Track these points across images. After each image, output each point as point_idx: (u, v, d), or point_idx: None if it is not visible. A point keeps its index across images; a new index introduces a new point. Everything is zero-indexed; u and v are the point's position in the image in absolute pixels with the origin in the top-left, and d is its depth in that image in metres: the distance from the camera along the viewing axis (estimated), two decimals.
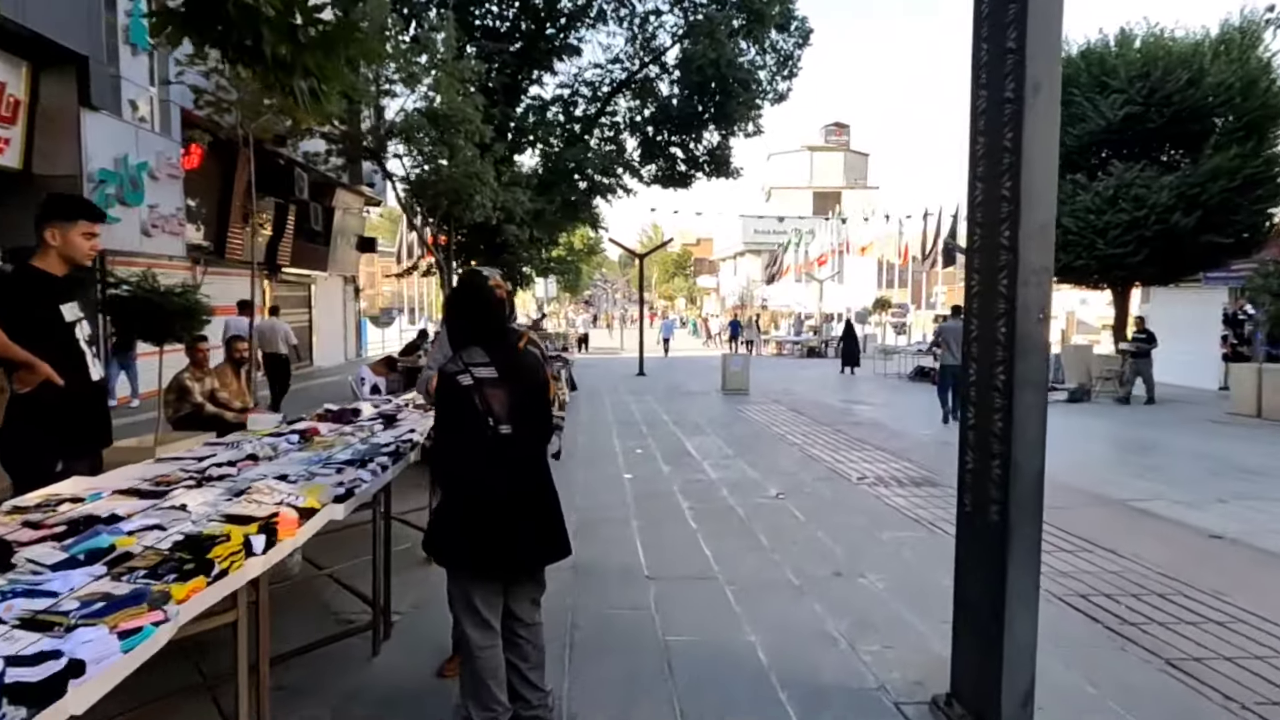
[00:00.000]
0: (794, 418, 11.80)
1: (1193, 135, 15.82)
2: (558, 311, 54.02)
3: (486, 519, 2.47)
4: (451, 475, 2.52)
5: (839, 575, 4.63)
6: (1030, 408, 2.59)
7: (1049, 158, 2.56)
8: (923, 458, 8.55)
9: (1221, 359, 17.05)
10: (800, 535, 5.48)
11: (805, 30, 21.25)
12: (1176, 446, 9.67)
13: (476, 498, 2.47)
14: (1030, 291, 2.57)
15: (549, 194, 19.20)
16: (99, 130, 10.43)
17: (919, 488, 7.03)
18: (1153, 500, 6.61)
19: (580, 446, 9.14)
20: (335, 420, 4.28)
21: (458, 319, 2.62)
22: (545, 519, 2.63)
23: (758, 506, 6.29)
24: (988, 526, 2.72)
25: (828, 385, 18.12)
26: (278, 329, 11.65)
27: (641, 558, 4.93)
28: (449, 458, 2.49)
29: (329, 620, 3.87)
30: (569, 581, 4.39)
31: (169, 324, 5.41)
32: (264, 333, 11.41)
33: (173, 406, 6.16)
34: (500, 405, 2.48)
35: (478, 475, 2.46)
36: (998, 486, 2.67)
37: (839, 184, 55.00)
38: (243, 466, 3.01)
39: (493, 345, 2.59)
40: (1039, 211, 2.55)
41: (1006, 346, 2.63)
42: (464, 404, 2.45)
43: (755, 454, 8.69)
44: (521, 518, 2.53)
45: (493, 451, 2.47)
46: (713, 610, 4.05)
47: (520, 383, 2.57)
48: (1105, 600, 4.26)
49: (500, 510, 2.49)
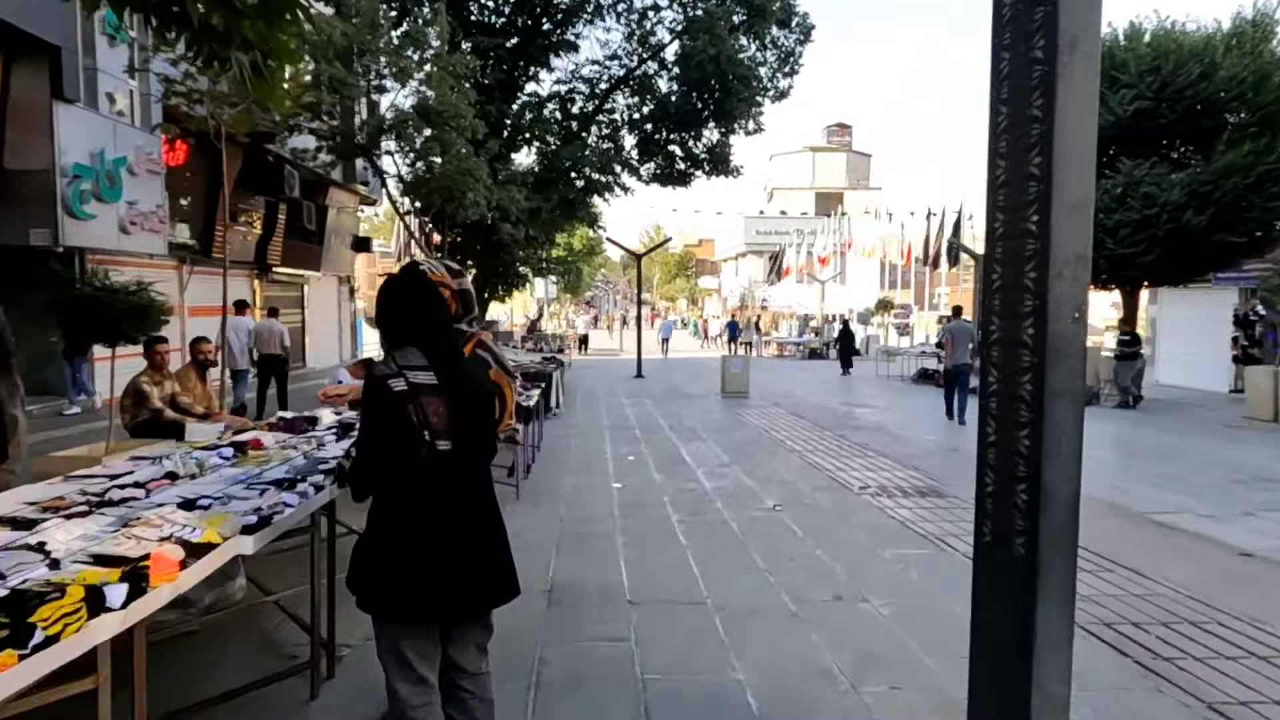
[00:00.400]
0: (794, 422, 11.39)
1: (1204, 131, 15.39)
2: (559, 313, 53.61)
3: (419, 553, 2.08)
4: (377, 500, 2.13)
5: (839, 599, 4.23)
6: (1063, 423, 2.19)
7: (1086, 127, 2.16)
8: (928, 465, 8.15)
9: (1232, 361, 16.67)
10: (798, 552, 5.08)
11: (807, 26, 20.89)
12: (1193, 453, 9.25)
13: (407, 528, 2.08)
14: (1064, 285, 2.17)
15: (545, 192, 18.84)
16: (73, 124, 10.08)
17: (924, 498, 6.63)
18: (1175, 513, 6.19)
19: (570, 452, 8.75)
20: (286, 430, 3.89)
21: (391, 316, 2.23)
22: (490, 552, 2.24)
23: (753, 520, 5.90)
24: (1012, 560, 2.32)
25: (829, 388, 17.70)
26: (274, 330, 11.28)
27: (624, 577, 4.54)
28: (374, 478, 2.09)
29: (271, 655, 3.48)
30: (541, 607, 4.00)
31: (117, 324, 5.02)
32: (261, 334, 11.08)
33: (129, 412, 5.77)
34: (438, 417, 2.09)
35: (408, 500, 2.07)
36: (1024, 515, 2.27)
37: (841, 185, 54.56)
38: (155, 488, 2.62)
39: (433, 347, 2.20)
40: (1074, 190, 2.16)
41: (1035, 350, 2.23)
42: (395, 414, 2.07)
43: (752, 461, 8.29)
44: (462, 551, 2.14)
45: (428, 471, 2.07)
46: (699, 642, 3.66)
47: (463, 392, 2.18)
48: (1133, 630, 3.86)
49: (436, 542, 2.10)
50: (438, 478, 2.08)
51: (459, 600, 2.16)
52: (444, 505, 2.09)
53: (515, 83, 20.09)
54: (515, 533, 5.48)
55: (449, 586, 2.12)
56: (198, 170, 14.58)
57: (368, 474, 2.09)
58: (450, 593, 2.13)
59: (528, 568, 4.69)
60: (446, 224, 16.99)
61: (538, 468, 7.77)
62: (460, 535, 2.12)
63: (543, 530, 5.49)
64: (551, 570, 4.63)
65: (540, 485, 6.98)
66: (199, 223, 15.04)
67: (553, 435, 9.73)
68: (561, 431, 10.18)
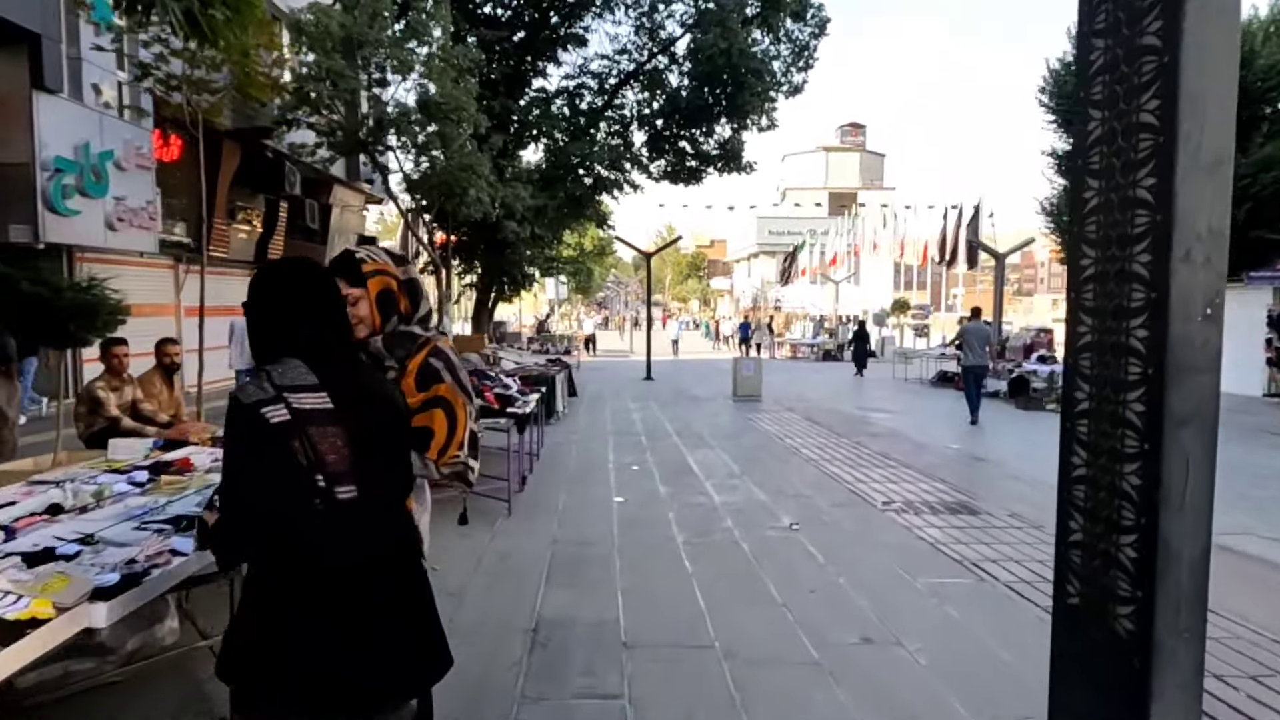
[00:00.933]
0: (809, 428, 10.81)
1: (1241, 123, 14.65)
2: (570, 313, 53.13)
3: (316, 630, 1.54)
4: (255, 568, 1.58)
5: (868, 642, 3.66)
6: (1192, 457, 1.63)
7: (1226, 55, 1.60)
8: (954, 476, 7.55)
9: (1266, 364, 16.00)
10: (819, 581, 4.52)
11: (822, 19, 20.32)
12: (1242, 464, 8.57)
13: (298, 601, 1.54)
14: (1192, 272, 1.61)
15: (551, 190, 18.36)
16: (55, 115, 9.65)
17: (955, 515, 6.05)
18: (1239, 535, 5.56)
19: (570, 460, 8.21)
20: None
21: (269, 317, 1.65)
22: (413, 621, 1.69)
23: (766, 540, 5.33)
24: (1113, 638, 1.76)
25: (844, 391, 17.09)
26: None
27: (621, 613, 3.99)
28: (246, 543, 1.55)
29: (203, 708, 2.96)
30: (520, 653, 3.45)
31: (63, 324, 4.52)
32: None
33: (84, 421, 5.28)
34: (337, 455, 1.54)
35: (298, 569, 1.52)
36: (1131, 578, 1.71)
37: (855, 184, 53.81)
38: (23, 527, 2.10)
39: (324, 357, 1.64)
40: (1210, 142, 1.60)
41: (1148, 359, 1.67)
42: (275, 454, 1.51)
43: (765, 471, 7.72)
44: (375, 625, 1.59)
45: (325, 528, 1.54)
46: (703, 698, 3.10)
47: (371, 415, 1.63)
48: (1216, 684, 3.27)
49: (340, 616, 1.55)
50: (339, 535, 1.53)
51: (372, 685, 1.61)
52: (349, 571, 1.55)
53: (522, 78, 19.63)
54: (502, 556, 4.99)
55: (360, 668, 1.58)
56: (193, 166, 14.14)
57: (236, 537, 1.54)
58: (362, 676, 1.58)
59: (512, 599, 4.16)
60: (450, 222, 16.53)
61: (534, 478, 7.23)
62: (371, 606, 1.58)
63: (533, 553, 4.95)
64: (539, 602, 4.09)
65: (535, 499, 6.45)
66: (194, 220, 14.60)
67: (553, 442, 9.20)
68: (563, 438, 9.65)
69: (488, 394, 6.33)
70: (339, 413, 1.54)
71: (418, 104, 13.60)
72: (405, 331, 2.28)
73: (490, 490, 6.09)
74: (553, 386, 10.63)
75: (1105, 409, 1.80)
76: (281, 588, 1.54)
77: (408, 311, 2.30)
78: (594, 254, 37.11)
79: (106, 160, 10.48)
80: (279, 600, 1.54)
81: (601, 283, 57.16)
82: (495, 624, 3.78)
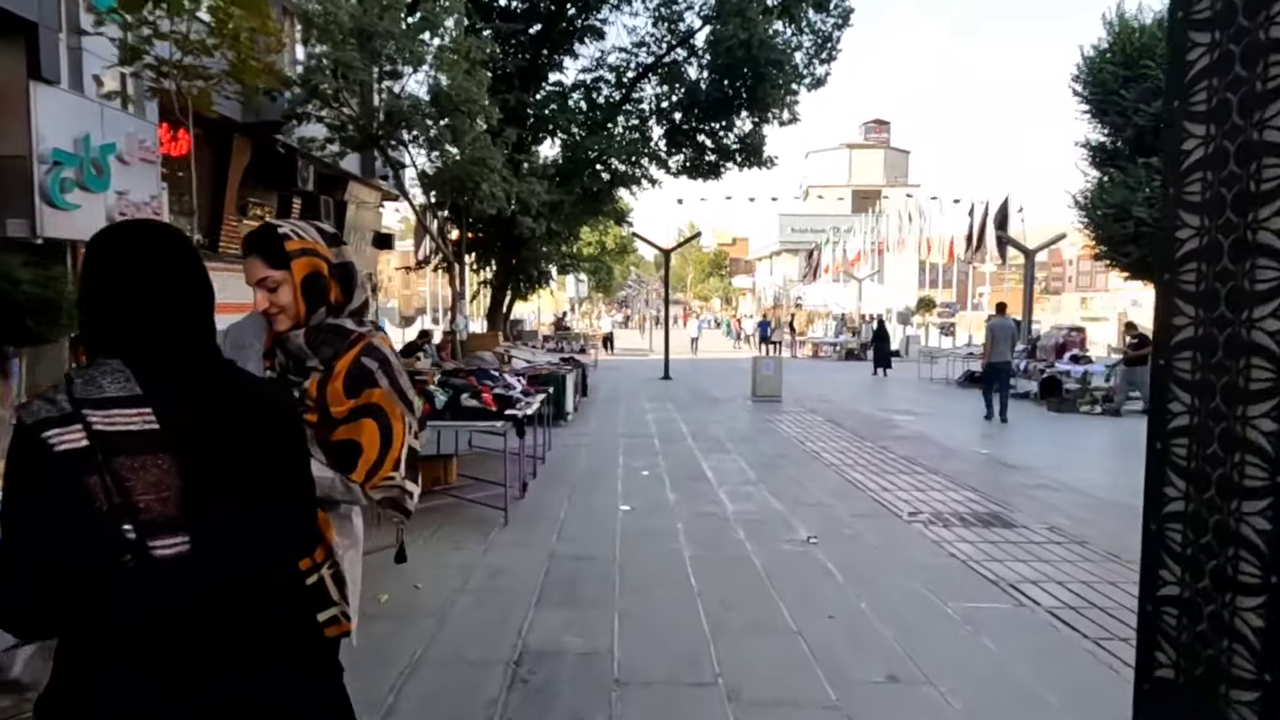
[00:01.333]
0: (831, 430, 10.33)
1: None
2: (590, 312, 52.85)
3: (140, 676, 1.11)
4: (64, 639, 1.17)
5: (895, 680, 3.22)
6: None
7: None
8: (984, 484, 7.06)
9: None
10: (837, 605, 4.08)
11: (845, 9, 19.76)
12: None
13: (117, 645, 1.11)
14: None
15: (568, 185, 18.00)
16: (53, 106, 9.40)
17: (988, 529, 5.57)
18: None
19: (577, 464, 7.83)
20: None
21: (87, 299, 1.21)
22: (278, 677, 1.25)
23: (781, 556, 4.90)
24: None
25: (867, 392, 16.56)
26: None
27: (615, 641, 3.58)
28: (38, 609, 1.10)
29: None
30: (497, 691, 3.06)
31: (19, 319, 4.21)
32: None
33: None
34: (157, 495, 1.10)
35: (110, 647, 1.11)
36: (1257, 656, 1.27)
37: (879, 182, 53.01)
38: None
39: (159, 359, 1.18)
40: None
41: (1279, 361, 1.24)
42: (61, 493, 1.07)
43: (783, 478, 7.27)
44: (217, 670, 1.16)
45: (141, 594, 1.10)
46: None
47: (227, 433, 1.19)
48: None
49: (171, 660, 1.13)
50: (162, 603, 1.11)
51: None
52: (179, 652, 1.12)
53: (539, 71, 19.30)
54: (493, 572, 4.57)
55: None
56: (205, 161, 13.97)
57: (24, 606, 1.09)
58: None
59: (496, 624, 3.74)
60: (464, 218, 16.25)
61: (537, 484, 6.84)
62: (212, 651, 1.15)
63: (526, 570, 4.55)
64: (525, 628, 3.69)
65: (535, 508, 6.06)
66: (206, 216, 14.42)
67: (561, 445, 8.82)
68: (572, 440, 9.26)
69: (485, 395, 5.95)
70: (168, 436, 1.11)
71: (429, 96, 13.29)
72: (335, 325, 1.88)
73: (486, 498, 5.73)
74: (561, 386, 10.25)
75: (1215, 426, 1.36)
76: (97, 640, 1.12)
77: (339, 302, 1.90)
78: (615, 252, 36.78)
79: (108, 153, 10.23)
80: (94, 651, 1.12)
81: (623, 281, 56.84)
82: (474, 654, 3.39)
